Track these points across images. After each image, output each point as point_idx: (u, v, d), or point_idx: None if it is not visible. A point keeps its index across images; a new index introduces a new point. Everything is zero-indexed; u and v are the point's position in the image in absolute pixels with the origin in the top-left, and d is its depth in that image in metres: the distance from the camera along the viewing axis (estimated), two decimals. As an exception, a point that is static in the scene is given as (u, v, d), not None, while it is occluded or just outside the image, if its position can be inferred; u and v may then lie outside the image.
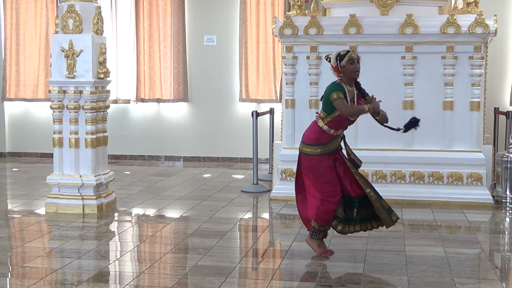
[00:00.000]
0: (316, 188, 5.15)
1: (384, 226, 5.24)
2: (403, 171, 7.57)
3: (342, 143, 5.26)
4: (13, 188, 8.71)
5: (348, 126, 5.22)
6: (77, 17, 6.93)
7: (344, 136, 5.26)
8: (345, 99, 5.01)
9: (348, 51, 5.09)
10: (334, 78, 7.76)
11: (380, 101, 5.16)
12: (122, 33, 11.03)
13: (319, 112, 5.19)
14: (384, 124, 5.25)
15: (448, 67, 7.52)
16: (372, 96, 5.17)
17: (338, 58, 5.08)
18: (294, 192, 7.60)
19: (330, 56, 5.22)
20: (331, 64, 5.17)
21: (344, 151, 5.30)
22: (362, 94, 5.16)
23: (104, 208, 7.08)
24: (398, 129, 5.26)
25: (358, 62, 5.08)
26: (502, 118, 8.54)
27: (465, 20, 7.44)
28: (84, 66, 6.95)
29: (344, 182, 5.15)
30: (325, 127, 5.09)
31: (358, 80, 5.14)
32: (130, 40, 11.00)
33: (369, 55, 7.66)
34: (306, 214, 5.33)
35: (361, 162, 5.32)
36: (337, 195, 5.10)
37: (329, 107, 5.06)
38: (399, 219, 5.38)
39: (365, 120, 7.69)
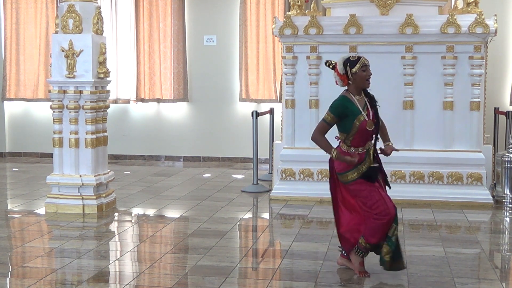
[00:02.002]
0: (367, 208, 4.67)
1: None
2: (403, 171, 7.57)
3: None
4: (13, 188, 8.71)
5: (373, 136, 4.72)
6: (77, 17, 6.93)
7: (376, 153, 4.77)
8: (355, 111, 4.60)
9: (359, 57, 4.66)
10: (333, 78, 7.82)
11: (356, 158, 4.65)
12: (122, 33, 11.03)
13: (338, 135, 4.75)
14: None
15: (448, 67, 7.52)
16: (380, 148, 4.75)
17: (349, 64, 4.63)
18: (293, 192, 7.68)
19: (331, 62, 4.77)
20: (336, 71, 4.70)
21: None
22: (372, 101, 4.73)
23: (104, 208, 7.08)
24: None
25: (368, 68, 4.67)
26: (502, 118, 8.54)
27: (465, 20, 7.44)
28: (84, 66, 6.95)
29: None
30: (352, 149, 4.66)
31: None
32: (130, 40, 11.00)
33: (369, 55, 7.54)
34: (340, 230, 4.95)
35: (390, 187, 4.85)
36: (389, 213, 4.57)
37: (343, 125, 4.66)
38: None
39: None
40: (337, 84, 4.81)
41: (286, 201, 7.60)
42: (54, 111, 7.05)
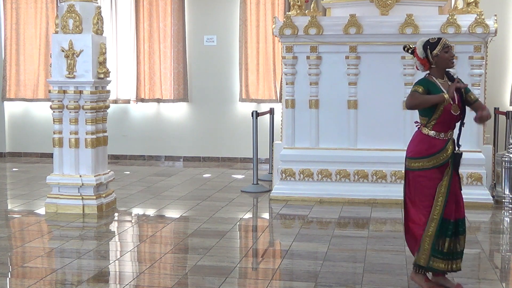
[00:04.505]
0: (417, 211, 4.47)
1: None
2: (403, 171, 7.52)
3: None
4: (13, 188, 8.71)
5: (456, 124, 4.47)
6: (77, 17, 6.93)
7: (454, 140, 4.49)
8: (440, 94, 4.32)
9: (439, 38, 4.45)
10: (336, 77, 7.85)
11: (465, 85, 4.40)
12: (122, 33, 11.03)
13: (419, 120, 4.53)
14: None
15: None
16: (456, 78, 4.42)
17: (429, 47, 4.41)
18: (293, 192, 7.68)
19: (410, 46, 4.58)
20: (416, 56, 4.49)
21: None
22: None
23: (104, 208, 7.08)
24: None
25: (451, 49, 4.47)
26: (502, 118, 8.54)
27: (465, 20, 7.44)
28: (84, 66, 6.95)
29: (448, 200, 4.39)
30: (432, 133, 4.40)
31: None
32: (130, 40, 11.00)
33: (369, 55, 7.67)
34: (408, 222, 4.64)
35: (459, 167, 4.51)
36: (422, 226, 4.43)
37: (425, 109, 4.40)
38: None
39: (365, 120, 7.73)
40: (417, 69, 4.62)
41: (286, 201, 7.60)
42: (54, 111, 7.05)
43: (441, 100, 4.30)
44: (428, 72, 4.51)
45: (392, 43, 7.59)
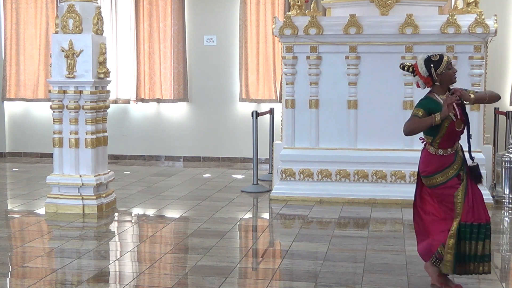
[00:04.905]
0: (454, 215, 4.41)
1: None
2: (403, 171, 7.57)
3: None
4: (13, 188, 8.71)
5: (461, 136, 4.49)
6: (77, 17, 6.93)
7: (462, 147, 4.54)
8: (434, 113, 4.33)
9: (440, 55, 4.43)
10: (336, 77, 7.85)
11: (459, 94, 4.36)
12: (122, 33, 11.03)
13: (423, 138, 4.55)
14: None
15: (448, 67, 7.51)
16: (452, 91, 4.38)
17: (433, 65, 4.38)
18: (293, 192, 7.68)
19: (408, 66, 4.57)
20: (419, 75, 4.49)
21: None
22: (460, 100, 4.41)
23: (104, 208, 7.08)
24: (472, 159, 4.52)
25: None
26: (502, 118, 8.54)
27: (465, 20, 7.44)
28: (84, 66, 6.95)
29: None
30: (440, 151, 4.45)
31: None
32: (130, 40, 11.00)
33: (369, 55, 7.67)
34: (429, 244, 4.58)
35: (481, 178, 4.49)
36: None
37: (431, 127, 4.38)
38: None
39: (365, 120, 7.73)
40: (418, 87, 4.59)
41: (286, 201, 7.60)
42: (54, 111, 7.05)
43: (432, 123, 4.33)
44: (431, 88, 4.52)
45: (392, 43, 7.59)
